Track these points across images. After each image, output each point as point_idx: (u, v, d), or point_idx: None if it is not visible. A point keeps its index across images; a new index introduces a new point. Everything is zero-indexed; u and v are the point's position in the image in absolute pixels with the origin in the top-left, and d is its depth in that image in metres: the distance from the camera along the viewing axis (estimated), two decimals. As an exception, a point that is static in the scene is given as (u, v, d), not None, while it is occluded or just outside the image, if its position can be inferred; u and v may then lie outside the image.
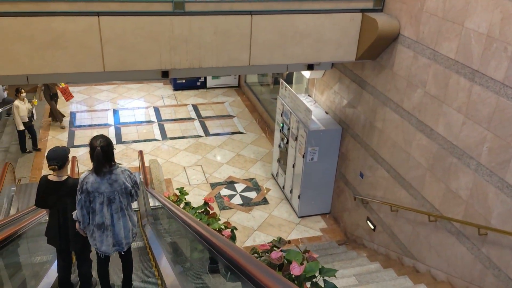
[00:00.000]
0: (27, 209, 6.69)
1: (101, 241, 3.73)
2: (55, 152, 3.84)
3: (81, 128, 11.38)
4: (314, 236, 7.78)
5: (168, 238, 5.96)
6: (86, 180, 3.60)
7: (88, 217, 3.68)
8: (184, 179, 9.38)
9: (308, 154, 7.59)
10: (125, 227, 3.79)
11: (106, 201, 3.64)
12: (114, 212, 3.69)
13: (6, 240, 3.66)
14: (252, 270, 1.96)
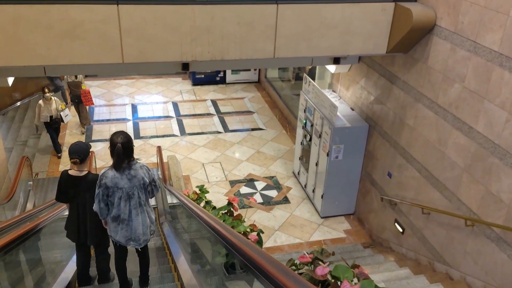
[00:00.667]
0: (43, 204, 6.58)
1: (115, 232, 3.84)
2: (77, 146, 3.96)
3: (99, 123, 11.28)
4: (337, 238, 7.49)
5: (186, 237, 5.75)
6: (105, 175, 3.68)
7: (107, 209, 3.77)
8: (202, 176, 9.18)
9: (332, 152, 7.29)
10: (143, 223, 3.84)
11: (125, 196, 3.70)
12: (133, 208, 3.75)
13: (23, 237, 3.58)
14: (288, 284, 1.74)
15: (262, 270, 2.02)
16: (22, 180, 7.75)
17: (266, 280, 1.93)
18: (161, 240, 6.59)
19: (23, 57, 4.79)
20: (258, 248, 2.25)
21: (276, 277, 1.88)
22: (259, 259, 2.12)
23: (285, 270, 1.88)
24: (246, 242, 2.40)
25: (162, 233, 6.87)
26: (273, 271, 1.93)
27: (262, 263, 2.06)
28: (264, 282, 1.96)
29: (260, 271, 2.05)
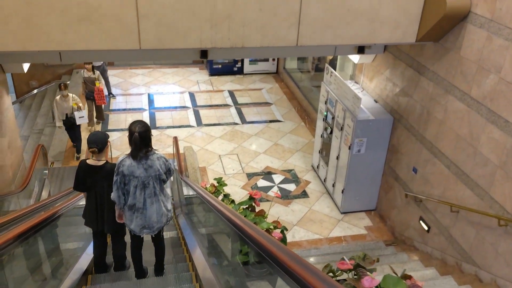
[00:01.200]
0: (59, 193, 6.49)
1: (130, 220, 3.92)
2: (96, 136, 4.02)
3: (115, 112, 11.19)
4: (358, 235, 7.26)
5: (203, 231, 5.60)
6: (122, 163, 3.76)
7: (123, 198, 3.84)
8: (219, 168, 9.02)
9: (354, 146, 7.04)
10: (158, 211, 3.92)
11: (141, 185, 3.76)
12: (148, 197, 3.82)
13: (40, 225, 3.50)
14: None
15: (291, 272, 1.85)
16: (38, 169, 7.69)
17: (295, 282, 1.76)
18: (176, 232, 6.45)
19: (38, 41, 4.66)
20: (285, 248, 2.07)
21: (307, 279, 1.69)
22: (289, 260, 1.93)
23: (316, 272, 1.71)
24: (272, 241, 2.21)
25: (178, 226, 6.74)
26: (305, 275, 1.75)
27: (293, 265, 1.88)
28: (291, 283, 1.80)
29: (289, 273, 1.88)
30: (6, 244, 2.61)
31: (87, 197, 4.13)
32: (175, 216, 7.02)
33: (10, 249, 2.72)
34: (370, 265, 2.21)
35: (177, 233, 6.42)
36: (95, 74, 9.61)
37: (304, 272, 1.78)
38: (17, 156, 6.76)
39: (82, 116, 8.72)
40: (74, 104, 8.62)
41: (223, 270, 4.08)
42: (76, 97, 8.82)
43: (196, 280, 4.30)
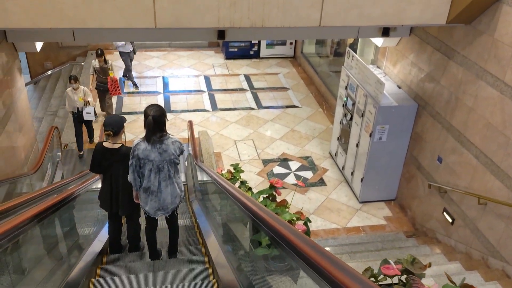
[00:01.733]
0: (72, 177, 6.39)
1: (145, 202, 3.98)
2: (112, 118, 4.07)
3: (129, 95, 11.06)
4: (377, 225, 7.04)
5: (218, 218, 5.44)
6: (137, 147, 3.79)
7: (139, 180, 3.89)
8: (234, 153, 8.84)
9: (376, 133, 6.78)
10: (172, 193, 3.99)
11: (155, 168, 3.81)
12: (162, 180, 3.87)
13: (56, 206, 3.49)
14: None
15: (321, 268, 1.66)
16: (51, 151, 7.61)
17: (324, 280, 1.61)
18: (191, 220, 6.32)
19: (50, 18, 4.48)
20: (310, 241, 1.87)
21: (339, 278, 1.53)
22: (315, 254, 1.75)
23: (351, 272, 1.52)
24: (297, 233, 2.02)
25: (192, 212, 6.60)
26: (337, 273, 1.57)
27: (320, 260, 1.69)
28: (318, 280, 1.66)
29: (317, 269, 1.69)
30: (21, 225, 2.56)
31: (103, 180, 4.18)
32: (189, 202, 6.88)
33: (25, 230, 2.69)
34: (420, 270, 1.99)
35: (191, 220, 6.28)
36: (107, 64, 9.17)
37: (336, 271, 1.60)
38: (29, 138, 6.66)
39: (90, 112, 8.17)
40: (81, 99, 8.07)
41: (239, 259, 3.94)
42: (87, 91, 8.28)
43: (209, 262, 4.31)
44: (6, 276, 2.63)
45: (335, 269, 1.57)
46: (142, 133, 3.83)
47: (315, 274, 1.71)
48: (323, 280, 1.63)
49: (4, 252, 2.52)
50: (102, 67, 9.15)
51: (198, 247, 5.06)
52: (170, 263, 4.32)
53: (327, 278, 1.61)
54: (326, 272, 1.62)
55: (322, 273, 1.65)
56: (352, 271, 1.53)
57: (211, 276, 4.06)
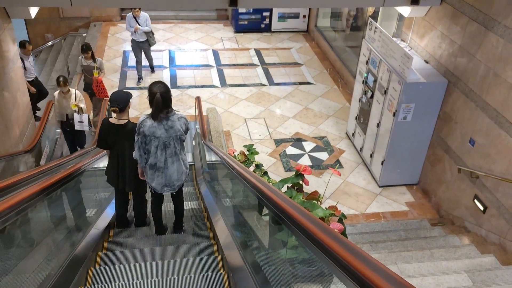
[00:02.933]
0: (69, 155, 5.96)
1: (152, 179, 3.99)
2: (118, 94, 4.08)
3: (133, 69, 10.53)
4: (399, 211, 6.58)
5: (228, 202, 4.99)
6: (143, 124, 3.79)
7: (145, 157, 3.90)
8: (244, 132, 8.36)
9: (400, 112, 6.25)
10: (178, 170, 4.00)
11: (161, 145, 3.82)
12: (168, 157, 3.88)
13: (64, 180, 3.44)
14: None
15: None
16: (50, 128, 7.17)
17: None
18: (198, 202, 5.89)
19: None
20: (346, 242, 1.43)
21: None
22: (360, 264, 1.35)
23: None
24: (332, 233, 1.57)
25: (200, 194, 6.18)
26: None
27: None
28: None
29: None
30: (26, 200, 2.48)
31: (110, 155, 4.21)
32: (197, 184, 6.46)
33: (31, 205, 2.63)
34: None
35: (199, 203, 5.86)
36: (96, 62, 7.83)
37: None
38: (24, 112, 6.21)
39: (82, 121, 6.86)
40: (74, 106, 6.78)
41: (255, 257, 3.50)
42: (80, 95, 6.97)
43: (214, 238, 4.33)
44: (15, 248, 2.69)
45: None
46: (146, 109, 3.49)
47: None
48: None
49: (14, 225, 2.53)
50: (90, 65, 7.83)
51: (206, 232, 4.65)
52: (175, 238, 4.42)
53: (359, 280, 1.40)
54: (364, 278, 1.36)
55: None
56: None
57: (216, 252, 4.07)
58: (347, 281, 1.49)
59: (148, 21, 9.21)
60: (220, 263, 3.75)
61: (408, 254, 4.92)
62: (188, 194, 6.34)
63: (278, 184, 2.47)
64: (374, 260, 1.42)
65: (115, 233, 4.64)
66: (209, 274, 3.45)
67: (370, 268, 1.39)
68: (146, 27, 9.20)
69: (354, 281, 1.45)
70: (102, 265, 3.75)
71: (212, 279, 3.40)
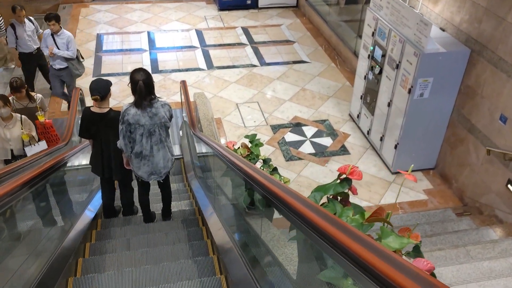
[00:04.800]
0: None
1: (138, 167, 3.99)
2: (98, 82, 4.03)
3: (109, 54, 9.64)
4: (417, 201, 5.92)
5: (227, 205, 4.26)
6: (127, 112, 3.76)
7: (130, 146, 3.89)
8: (237, 119, 7.59)
9: (417, 88, 5.55)
10: (164, 157, 4.00)
11: (146, 133, 3.81)
12: (154, 144, 3.89)
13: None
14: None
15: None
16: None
17: None
18: (190, 202, 5.15)
19: None
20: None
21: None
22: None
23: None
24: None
25: (192, 193, 5.43)
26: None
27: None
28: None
29: None
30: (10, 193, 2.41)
31: (93, 145, 4.16)
32: (187, 181, 5.71)
33: (14, 198, 2.54)
34: None
35: (190, 202, 5.11)
36: (36, 101, 5.82)
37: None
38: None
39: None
40: (25, 137, 5.17)
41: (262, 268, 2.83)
42: (28, 121, 5.32)
43: (203, 223, 4.33)
44: (0, 242, 2.68)
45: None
46: (126, 97, 3.07)
47: None
48: None
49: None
50: (28, 107, 5.78)
51: (203, 242, 3.94)
52: (164, 226, 4.43)
53: None
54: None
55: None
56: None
57: (205, 236, 4.04)
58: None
59: (71, 44, 6.88)
60: (209, 246, 3.78)
61: (441, 254, 4.25)
62: (178, 192, 5.59)
63: (314, 194, 1.74)
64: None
65: (103, 223, 4.61)
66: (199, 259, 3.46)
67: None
68: (67, 51, 6.87)
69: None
70: (92, 256, 3.76)
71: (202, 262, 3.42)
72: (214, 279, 3.24)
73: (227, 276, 3.17)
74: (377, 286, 1.17)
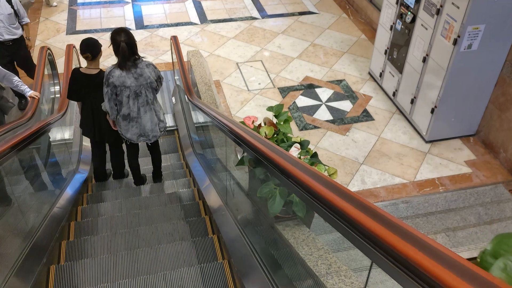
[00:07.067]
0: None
1: (126, 129, 3.92)
2: (88, 40, 3.91)
3: (85, 7, 8.44)
4: (459, 175, 5.05)
5: (232, 186, 3.35)
6: (111, 74, 3.69)
7: (116, 109, 3.82)
8: (239, 81, 6.58)
9: (465, 38, 4.57)
10: (152, 120, 3.93)
11: (133, 94, 3.76)
12: (141, 106, 3.83)
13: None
14: None
15: None
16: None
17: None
18: (191, 190, 4.23)
19: None
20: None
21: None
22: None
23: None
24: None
25: (191, 174, 4.52)
26: None
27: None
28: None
29: None
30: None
31: (82, 108, 4.07)
32: (185, 161, 4.79)
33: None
34: None
35: (192, 192, 4.19)
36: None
37: None
38: None
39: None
40: None
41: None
42: None
43: (194, 185, 4.27)
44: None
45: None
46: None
47: None
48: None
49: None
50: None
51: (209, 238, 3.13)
52: (155, 187, 4.42)
53: None
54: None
55: None
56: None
57: (197, 197, 4.01)
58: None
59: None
60: (201, 206, 3.75)
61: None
62: (174, 176, 4.69)
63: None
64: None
65: (93, 187, 4.58)
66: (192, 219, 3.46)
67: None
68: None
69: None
70: (84, 218, 3.74)
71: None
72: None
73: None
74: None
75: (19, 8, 5.44)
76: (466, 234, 3.79)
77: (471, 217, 4.14)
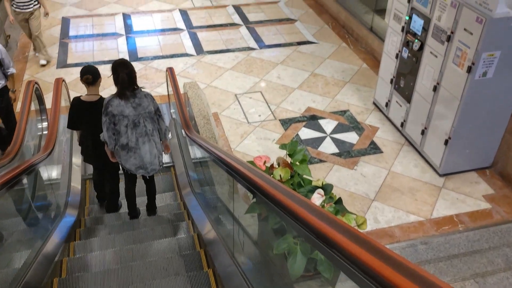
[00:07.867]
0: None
1: (125, 160, 3.91)
2: (89, 67, 3.98)
3: (78, 40, 8.22)
4: (478, 211, 4.71)
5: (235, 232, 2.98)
6: (110, 103, 3.70)
7: (114, 138, 3.80)
8: (238, 113, 6.29)
9: (479, 65, 4.32)
10: (151, 152, 3.90)
11: (131, 124, 3.74)
12: (139, 136, 3.80)
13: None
14: None
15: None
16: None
17: None
18: (187, 228, 3.86)
19: None
20: None
21: None
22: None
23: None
24: None
25: (189, 218, 4.15)
26: None
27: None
28: None
29: None
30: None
31: (83, 135, 4.12)
32: (182, 202, 4.43)
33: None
34: None
35: (191, 237, 3.81)
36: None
37: None
38: None
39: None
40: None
41: None
42: None
43: (188, 217, 4.22)
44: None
45: None
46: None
47: None
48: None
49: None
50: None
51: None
52: (149, 221, 4.34)
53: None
54: None
55: None
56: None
57: (191, 229, 3.98)
58: None
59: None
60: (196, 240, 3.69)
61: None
62: (169, 218, 4.31)
63: None
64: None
65: (86, 222, 4.52)
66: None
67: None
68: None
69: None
70: (77, 254, 3.69)
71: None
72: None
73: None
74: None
75: (4, 57, 5.04)
76: (496, 280, 3.43)
77: (498, 260, 3.78)
